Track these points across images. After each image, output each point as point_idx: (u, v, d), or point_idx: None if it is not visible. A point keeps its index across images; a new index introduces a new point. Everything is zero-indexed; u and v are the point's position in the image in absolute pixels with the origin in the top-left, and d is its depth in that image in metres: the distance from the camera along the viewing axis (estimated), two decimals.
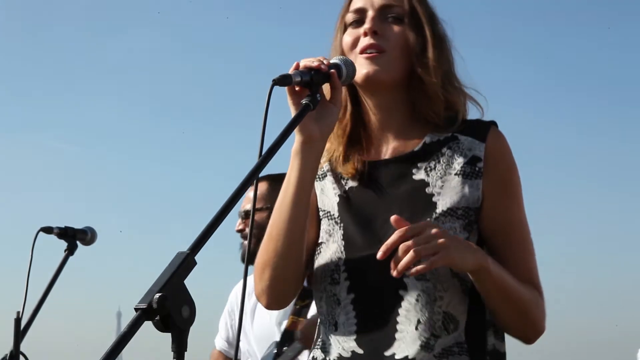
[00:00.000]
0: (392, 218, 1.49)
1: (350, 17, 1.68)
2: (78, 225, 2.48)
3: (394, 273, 1.46)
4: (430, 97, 1.64)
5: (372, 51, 1.63)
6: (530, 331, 1.63)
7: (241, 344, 2.82)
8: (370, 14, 1.65)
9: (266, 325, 2.73)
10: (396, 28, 1.64)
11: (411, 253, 1.44)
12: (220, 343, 2.96)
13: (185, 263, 1.21)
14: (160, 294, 1.15)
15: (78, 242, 2.51)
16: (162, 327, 1.18)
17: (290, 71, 1.52)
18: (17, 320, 2.16)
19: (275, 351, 2.63)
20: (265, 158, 1.39)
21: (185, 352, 1.21)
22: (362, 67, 1.62)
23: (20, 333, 2.22)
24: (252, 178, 1.36)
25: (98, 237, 2.53)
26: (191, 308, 1.22)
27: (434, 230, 1.47)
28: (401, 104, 1.67)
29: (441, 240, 1.46)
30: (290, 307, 2.64)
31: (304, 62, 1.53)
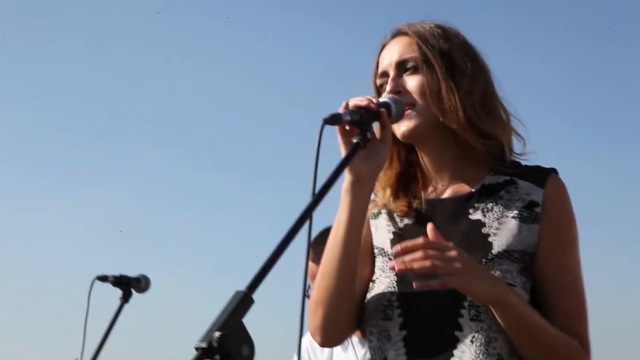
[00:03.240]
0: (429, 225, 1.49)
1: (379, 81, 1.72)
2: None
3: (398, 266, 1.45)
4: (461, 140, 1.65)
5: None
6: None
7: None
8: (391, 74, 1.68)
9: None
10: (414, 78, 1.66)
11: (428, 262, 1.44)
12: None
13: (243, 302, 1.21)
14: (220, 333, 1.15)
15: (132, 290, 2.54)
16: None
17: (340, 110, 1.53)
18: None
19: None
20: (318, 197, 1.40)
21: None
22: (397, 128, 1.64)
23: None
24: (306, 216, 1.36)
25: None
26: (250, 347, 1.22)
27: (457, 253, 1.46)
28: (451, 145, 1.67)
29: (460, 264, 1.46)
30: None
31: (353, 101, 1.54)
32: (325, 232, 1.61)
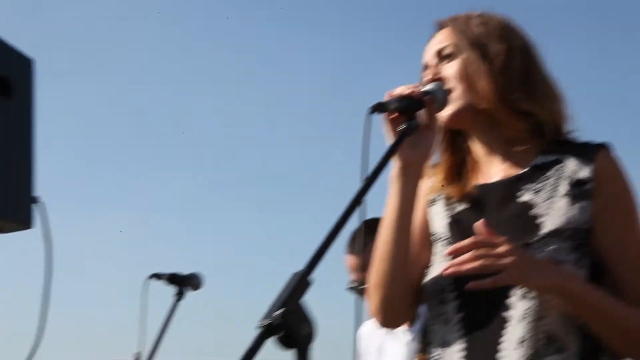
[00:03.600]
0: (478, 223, 1.51)
1: (424, 74, 1.75)
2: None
3: (448, 270, 1.50)
4: (502, 122, 1.67)
5: None
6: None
7: None
8: (431, 64, 1.72)
9: None
10: (451, 65, 1.69)
11: (477, 263, 1.47)
12: None
13: (301, 283, 1.26)
14: (282, 310, 1.20)
15: (186, 287, 2.61)
16: (284, 343, 1.22)
17: (385, 99, 1.57)
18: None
19: None
20: (369, 182, 1.44)
21: None
22: (441, 114, 1.67)
23: None
24: (357, 200, 1.40)
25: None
26: (311, 326, 1.26)
27: (508, 248, 1.49)
28: (496, 128, 1.69)
29: (511, 259, 1.49)
30: (415, 344, 2.64)
31: (398, 90, 1.58)
32: (366, 224, 1.64)
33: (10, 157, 2.33)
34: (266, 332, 1.20)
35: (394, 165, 1.63)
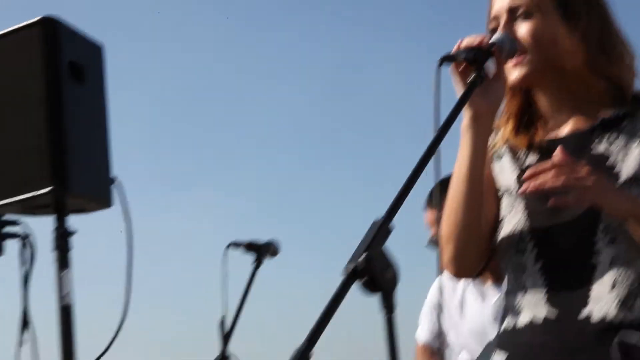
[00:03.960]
0: (557, 150, 1.51)
1: (491, 25, 1.74)
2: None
3: (530, 188, 1.48)
4: (579, 81, 1.66)
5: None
6: None
7: (450, 337, 2.85)
8: (502, 20, 1.70)
9: (479, 321, 2.73)
10: (526, 24, 1.67)
11: (559, 180, 1.46)
12: (425, 337, 2.98)
13: (381, 230, 1.28)
14: (365, 255, 1.22)
15: (264, 255, 2.67)
16: (369, 287, 1.25)
17: (453, 51, 1.58)
18: (222, 323, 2.32)
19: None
20: (442, 131, 1.45)
21: (394, 313, 1.27)
22: (510, 75, 1.67)
23: (226, 334, 2.40)
24: (431, 152, 1.42)
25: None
26: (394, 271, 1.28)
27: (589, 170, 1.49)
28: (568, 87, 1.69)
29: (592, 180, 1.48)
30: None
31: (466, 41, 1.58)
32: (443, 182, 1.66)
33: (87, 140, 2.41)
34: (351, 277, 1.22)
35: (464, 117, 1.64)
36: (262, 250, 2.64)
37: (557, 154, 1.52)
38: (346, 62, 8.25)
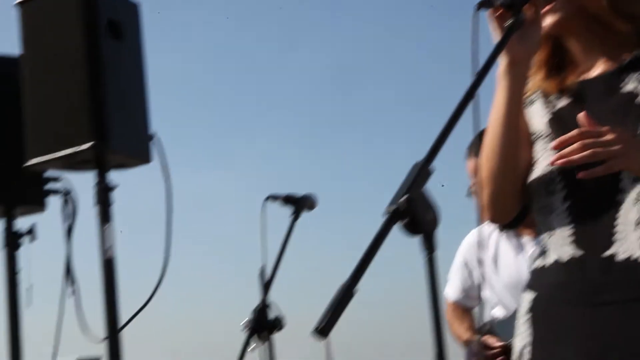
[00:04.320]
0: (580, 115, 1.52)
1: None
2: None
3: (558, 161, 1.49)
4: (605, 24, 1.66)
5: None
6: None
7: (485, 293, 2.86)
8: None
9: (514, 274, 2.75)
10: None
11: (588, 152, 1.47)
12: (455, 295, 3.00)
13: (422, 172, 1.30)
14: (406, 197, 1.25)
15: (302, 208, 2.71)
16: (410, 229, 1.27)
17: None
18: (262, 273, 2.38)
19: None
20: (480, 76, 1.46)
21: (434, 253, 1.29)
22: (543, 22, 1.66)
23: (266, 283, 2.46)
24: (469, 96, 1.43)
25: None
26: (434, 213, 1.30)
27: (614, 135, 1.49)
28: (597, 30, 1.69)
29: (620, 145, 1.48)
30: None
31: None
32: (484, 131, 1.68)
33: (126, 96, 2.46)
34: (392, 218, 1.25)
35: (501, 63, 1.64)
36: (299, 203, 2.68)
37: (582, 120, 1.52)
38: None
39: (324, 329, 1.14)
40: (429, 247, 1.28)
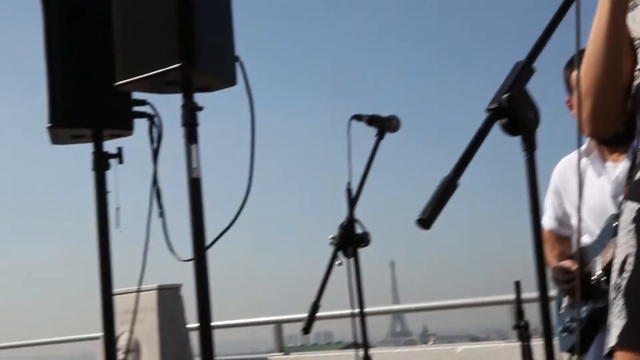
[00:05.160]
0: None
1: None
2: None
3: None
4: None
5: None
6: None
7: (572, 221, 2.84)
8: None
9: (598, 198, 2.71)
10: None
11: None
12: (550, 223, 2.98)
13: (524, 70, 1.29)
14: (508, 95, 1.24)
15: (386, 128, 2.72)
16: (510, 129, 1.27)
17: None
18: (349, 190, 2.40)
19: (615, 224, 2.59)
20: None
21: (535, 152, 1.29)
22: None
23: (352, 200, 2.50)
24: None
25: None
26: (536, 111, 1.30)
27: None
28: None
29: None
30: (623, 180, 2.60)
31: None
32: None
33: (213, 19, 2.48)
34: (494, 115, 1.25)
35: None
36: (384, 124, 2.69)
37: None
38: None
39: (426, 220, 1.15)
40: (530, 146, 1.27)
